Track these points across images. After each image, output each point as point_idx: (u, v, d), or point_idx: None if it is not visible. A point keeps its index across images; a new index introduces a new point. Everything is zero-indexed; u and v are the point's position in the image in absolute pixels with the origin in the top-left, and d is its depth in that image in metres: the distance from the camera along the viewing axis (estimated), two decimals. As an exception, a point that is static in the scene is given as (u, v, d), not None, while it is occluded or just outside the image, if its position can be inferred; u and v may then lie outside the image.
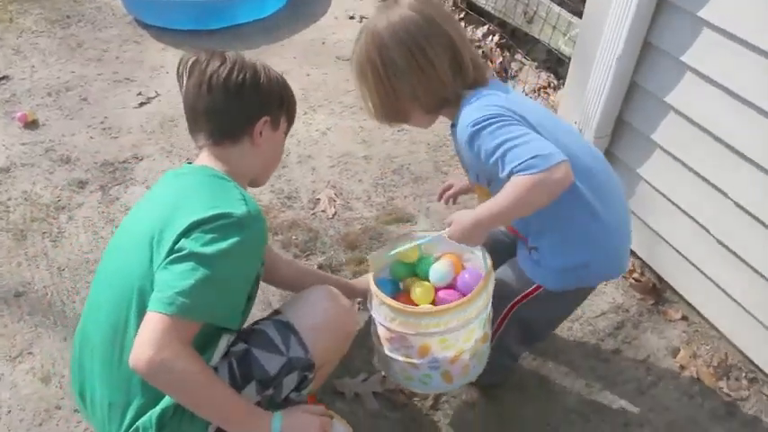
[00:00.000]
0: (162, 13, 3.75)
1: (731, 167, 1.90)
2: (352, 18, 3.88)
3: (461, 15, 3.47)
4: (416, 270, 1.73)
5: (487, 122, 1.38)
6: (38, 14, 3.95)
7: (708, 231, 2.04)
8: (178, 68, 1.50)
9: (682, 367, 2.11)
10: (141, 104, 3.19)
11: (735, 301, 2.04)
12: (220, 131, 1.49)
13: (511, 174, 1.34)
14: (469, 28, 3.43)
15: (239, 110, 1.48)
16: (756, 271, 1.93)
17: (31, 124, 3.03)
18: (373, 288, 1.56)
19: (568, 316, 1.94)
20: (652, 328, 2.22)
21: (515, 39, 3.27)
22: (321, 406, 1.55)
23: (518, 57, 3.23)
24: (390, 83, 1.48)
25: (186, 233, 1.29)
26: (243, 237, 1.30)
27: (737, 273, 1.99)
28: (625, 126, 2.22)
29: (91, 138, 2.97)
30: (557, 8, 2.84)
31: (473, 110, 1.43)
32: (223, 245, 1.27)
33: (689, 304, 2.24)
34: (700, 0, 1.83)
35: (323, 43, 3.66)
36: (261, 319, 1.56)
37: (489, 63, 3.28)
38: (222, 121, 1.48)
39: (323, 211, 2.59)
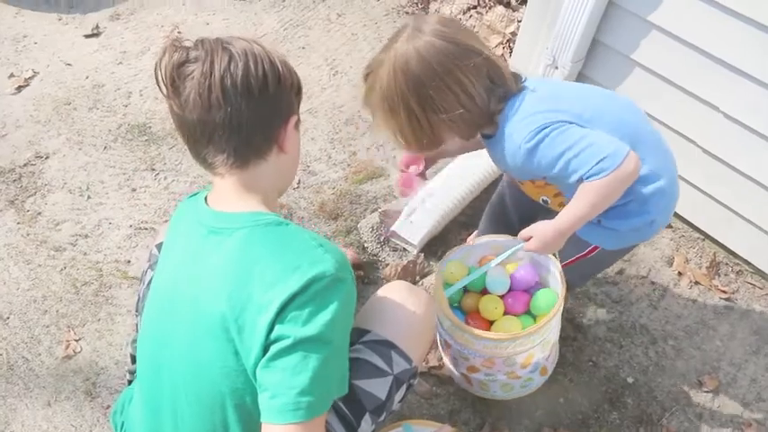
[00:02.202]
0: (2, -31, 3.12)
1: (715, 81, 1.92)
2: (229, -54, 3.44)
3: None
4: (468, 286, 1.67)
5: (541, 134, 1.34)
6: None
7: (694, 143, 2.08)
8: (160, 74, 1.12)
9: (680, 274, 2.20)
10: (19, 88, 2.69)
11: (712, 198, 2.15)
12: (247, 148, 1.17)
13: (582, 179, 1.32)
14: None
15: (268, 116, 1.17)
16: (737, 170, 2.03)
17: None
18: (467, 327, 1.51)
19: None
20: (644, 243, 2.27)
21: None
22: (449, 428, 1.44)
23: (432, -27, 3.03)
24: (426, 117, 1.36)
25: (279, 317, 1.06)
26: (342, 294, 1.10)
27: (721, 178, 2.08)
28: (600, 46, 2.16)
29: (-28, 142, 2.48)
30: None
31: (519, 125, 1.37)
32: (327, 316, 1.07)
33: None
34: None
35: (209, -18, 3.24)
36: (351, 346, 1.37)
37: (404, -17, 3.05)
38: (249, 135, 1.16)
39: (285, 181, 2.35)
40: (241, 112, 1.12)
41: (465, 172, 2.20)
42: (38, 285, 2.06)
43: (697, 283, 2.18)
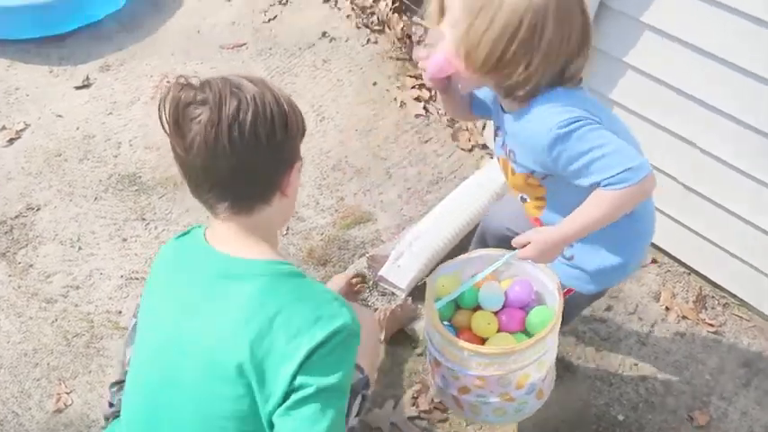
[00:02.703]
0: (-4, 23, 3.18)
1: (693, 119, 1.98)
2: (217, -3, 3.52)
3: (347, -20, 3.25)
4: (460, 303, 1.63)
5: (576, 125, 1.26)
6: None
7: (674, 179, 2.12)
8: (164, 113, 1.10)
9: (667, 309, 2.22)
10: (11, 141, 2.72)
11: (699, 235, 2.18)
12: (251, 196, 1.16)
13: (598, 184, 1.28)
14: (358, -7, 3.23)
15: (275, 163, 1.15)
16: (719, 205, 2.07)
17: None
18: (458, 341, 1.45)
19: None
20: (630, 278, 2.29)
21: (406, -3, 3.13)
22: None
23: (416, 19, 3.10)
24: (528, 45, 1.24)
25: (303, 367, 1.09)
26: (356, 346, 1.16)
27: (703, 213, 2.12)
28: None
29: (-36, 195, 2.51)
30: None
31: (556, 109, 1.29)
32: (346, 366, 1.13)
33: (656, 246, 2.34)
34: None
35: (198, 32, 3.29)
36: None
37: (388, 29, 3.12)
38: (254, 183, 1.15)
39: (274, 227, 2.38)
40: (248, 162, 1.11)
41: (451, 214, 2.23)
42: (29, 338, 2.07)
43: (684, 317, 2.21)
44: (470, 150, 2.68)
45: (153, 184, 2.53)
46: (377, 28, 3.18)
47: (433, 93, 2.87)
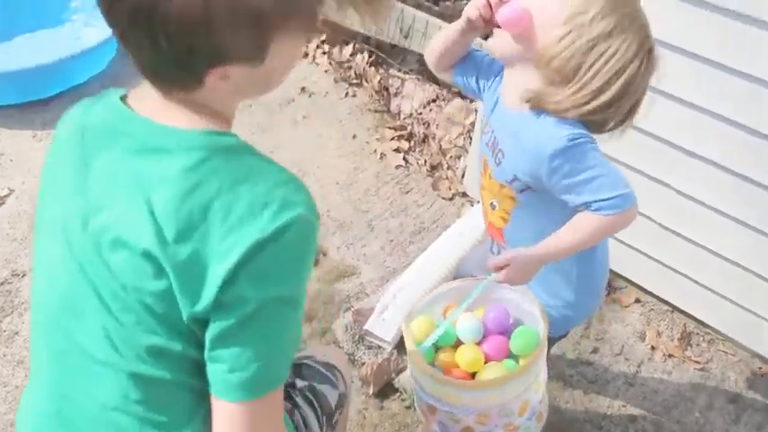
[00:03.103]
0: (-23, 91, 3.23)
1: (671, 161, 2.03)
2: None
3: (323, 37, 3.34)
4: (439, 342, 1.53)
5: (584, 140, 1.27)
6: None
7: (651, 219, 2.16)
8: None
9: (653, 348, 2.25)
10: (-5, 208, 2.74)
11: (681, 274, 2.21)
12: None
13: (587, 205, 1.27)
14: (335, 49, 3.31)
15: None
16: (697, 244, 2.11)
17: None
18: (454, 380, 1.41)
19: None
20: (614, 318, 2.32)
21: (382, 51, 3.21)
22: None
23: (392, 71, 3.18)
24: (602, 54, 1.23)
25: (244, 268, 0.85)
26: (313, 242, 0.94)
27: (682, 251, 2.16)
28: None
29: (-51, 263, 2.51)
30: (435, 20, 2.82)
31: (563, 125, 1.27)
32: (301, 271, 0.92)
33: (638, 286, 2.37)
34: None
35: (179, 92, 3.36)
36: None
37: (366, 82, 3.19)
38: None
39: (259, 284, 2.39)
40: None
41: (434, 265, 2.26)
42: (14, 408, 2.03)
43: (671, 355, 2.23)
44: (451, 199, 2.72)
45: (138, 246, 2.54)
46: (355, 81, 3.26)
47: (412, 143, 2.93)
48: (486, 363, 1.49)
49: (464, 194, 2.72)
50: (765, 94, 1.77)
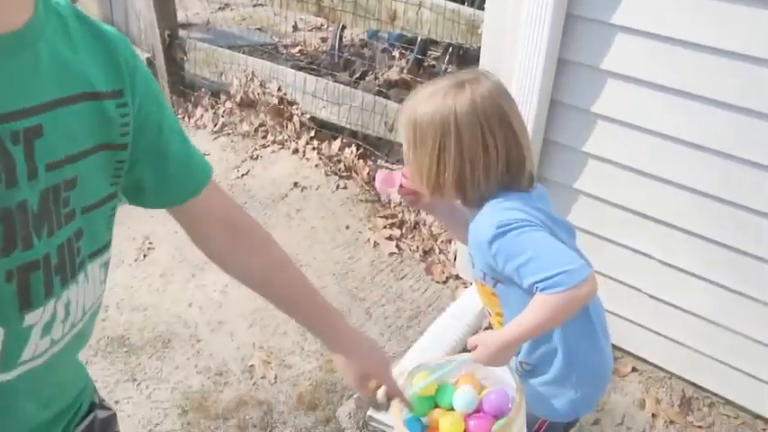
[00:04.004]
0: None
1: (646, 233, 2.14)
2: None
3: (312, 134, 3.50)
4: (437, 401, 1.58)
5: (513, 226, 1.32)
6: None
7: (639, 290, 2.24)
8: None
9: (653, 416, 2.27)
10: (-1, 316, 2.79)
11: (676, 342, 2.26)
12: None
13: (533, 286, 1.30)
14: (324, 144, 3.47)
15: None
16: (688, 311, 2.18)
17: None
18: None
19: None
20: (613, 389, 2.36)
21: (369, 143, 3.37)
22: None
23: (380, 162, 3.33)
24: (450, 158, 1.36)
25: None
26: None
27: (673, 319, 2.22)
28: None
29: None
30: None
31: (497, 211, 1.36)
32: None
33: (634, 356, 2.42)
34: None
35: (176, 193, 3.48)
36: None
37: (355, 174, 3.33)
38: None
39: (262, 377, 2.43)
40: None
41: (432, 349, 2.31)
42: None
43: (672, 422, 2.25)
44: (445, 282, 2.80)
45: (141, 345, 2.58)
46: (344, 174, 3.39)
47: (404, 230, 3.03)
48: None
49: (457, 277, 2.80)
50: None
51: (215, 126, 3.91)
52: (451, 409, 1.57)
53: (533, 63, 2.05)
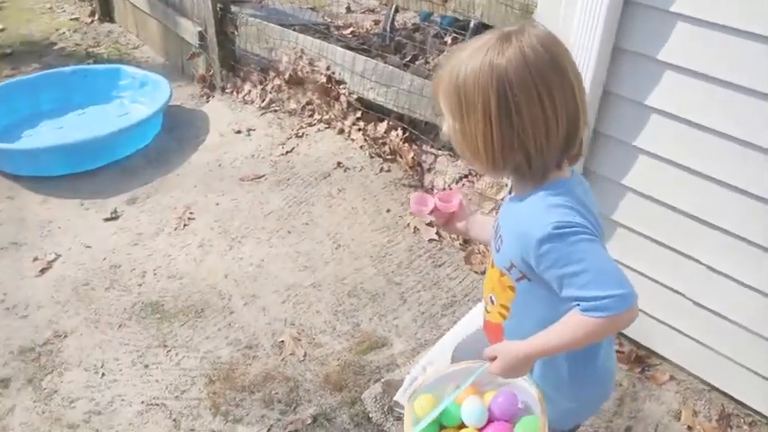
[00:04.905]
0: (32, 162, 3.40)
1: (695, 236, 2.05)
2: (238, 132, 3.75)
3: (358, 114, 3.47)
4: (444, 421, 1.50)
5: (572, 230, 1.18)
6: None
7: (683, 295, 2.16)
8: None
9: (689, 428, 2.19)
10: (42, 271, 2.84)
11: (718, 353, 2.17)
12: None
13: (574, 300, 1.19)
14: (369, 126, 3.43)
15: None
16: (734, 322, 2.08)
17: None
18: None
19: None
20: (648, 396, 2.28)
21: (415, 127, 3.32)
22: None
23: (425, 147, 3.28)
24: (505, 124, 1.19)
25: None
26: None
27: (718, 329, 2.13)
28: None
29: (-6, 323, 2.59)
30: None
31: (552, 207, 1.21)
32: None
33: (673, 364, 2.34)
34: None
35: (219, 165, 3.50)
36: None
37: (400, 158, 3.29)
38: None
39: (291, 353, 2.42)
40: None
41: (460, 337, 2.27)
42: (48, 468, 2.08)
43: (707, 437, 2.17)
44: (484, 273, 2.73)
45: (175, 312, 2.60)
46: (389, 157, 3.36)
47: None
48: None
49: (496, 269, 2.74)
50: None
51: (262, 102, 3.91)
52: (461, 425, 1.49)
53: (587, 51, 1.98)
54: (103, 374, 2.36)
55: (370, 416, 2.17)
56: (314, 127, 3.66)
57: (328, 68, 3.54)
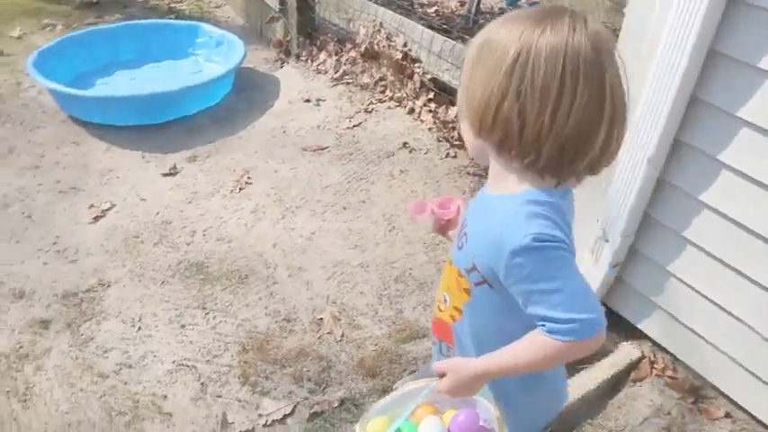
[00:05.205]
0: (101, 110, 3.43)
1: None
2: (307, 101, 3.69)
3: (430, 96, 3.36)
4: None
5: (552, 245, 1.08)
6: (-48, 117, 3.54)
7: (751, 328, 1.98)
8: None
9: (739, 472, 2.02)
10: (96, 218, 2.86)
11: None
12: None
13: (538, 319, 1.10)
14: (441, 109, 3.32)
15: None
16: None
17: (-31, 254, 2.64)
18: None
19: None
20: (698, 431, 2.12)
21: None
22: None
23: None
24: (513, 89, 1.07)
25: None
26: None
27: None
28: (652, 222, 2.14)
29: (45, 264, 2.62)
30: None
31: (532, 216, 1.10)
32: None
33: (730, 400, 2.16)
34: (735, 102, 1.78)
35: (284, 132, 3.45)
36: None
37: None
38: None
39: (329, 332, 2.36)
40: None
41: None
42: (75, 410, 2.08)
43: (760, 484, 2.00)
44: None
45: (218, 275, 2.57)
46: (456, 143, 3.24)
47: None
48: None
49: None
50: None
51: (336, 73, 3.84)
52: None
53: (678, 52, 1.81)
54: (140, 329, 2.36)
55: (400, 408, 2.08)
56: (384, 104, 3.57)
57: (405, 45, 3.43)
